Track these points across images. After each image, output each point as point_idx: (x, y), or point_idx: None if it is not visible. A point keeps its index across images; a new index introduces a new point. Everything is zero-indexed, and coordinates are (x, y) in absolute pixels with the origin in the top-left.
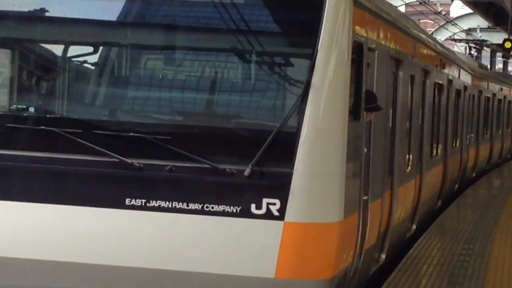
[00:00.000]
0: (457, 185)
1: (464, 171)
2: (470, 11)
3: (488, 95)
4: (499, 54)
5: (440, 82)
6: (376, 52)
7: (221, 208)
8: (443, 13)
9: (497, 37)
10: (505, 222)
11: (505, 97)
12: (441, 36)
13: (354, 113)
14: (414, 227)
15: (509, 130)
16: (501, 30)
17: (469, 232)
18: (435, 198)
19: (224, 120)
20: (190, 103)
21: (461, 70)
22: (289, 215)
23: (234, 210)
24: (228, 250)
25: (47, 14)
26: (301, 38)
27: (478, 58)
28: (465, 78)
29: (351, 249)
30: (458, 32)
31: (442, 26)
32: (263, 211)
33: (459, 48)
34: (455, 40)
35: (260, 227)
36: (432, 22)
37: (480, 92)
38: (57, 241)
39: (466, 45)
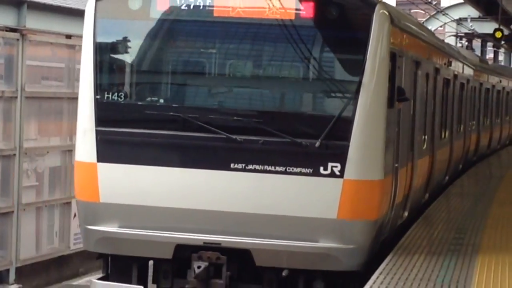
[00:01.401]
0: (461, 165)
1: (467, 154)
2: (461, 0)
3: (488, 87)
4: (490, 44)
5: (448, 77)
6: (403, 58)
7: (298, 170)
8: (434, 2)
9: (488, 27)
10: (495, 212)
11: (503, 88)
12: (432, 26)
13: (390, 103)
14: (427, 195)
15: (508, 119)
16: (492, 20)
17: (460, 222)
18: (443, 173)
19: (301, 109)
20: (278, 98)
21: (464, 66)
22: (347, 174)
23: (308, 171)
24: (303, 199)
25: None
26: (355, 49)
27: (468, 48)
28: (468, 72)
29: (387, 202)
30: (449, 22)
31: (432, 16)
32: (328, 171)
33: (449, 38)
34: (456, 36)
35: (326, 183)
36: (423, 12)
37: (481, 84)
38: (191, 193)
39: (457, 35)
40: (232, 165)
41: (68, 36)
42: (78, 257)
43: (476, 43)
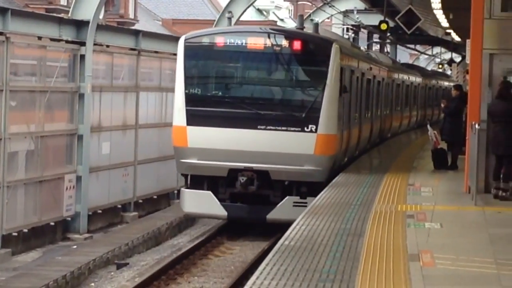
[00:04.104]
0: (378, 140)
1: (383, 131)
2: None
3: (399, 83)
4: (376, 36)
5: (369, 77)
6: (346, 69)
7: (293, 129)
8: None
9: (373, 19)
10: (379, 207)
11: (411, 83)
12: (319, 18)
13: (340, 94)
14: (357, 152)
15: (416, 107)
16: (378, 12)
17: (346, 213)
18: (366, 141)
19: (295, 97)
20: (282, 92)
21: (380, 68)
22: (319, 131)
23: (298, 129)
24: (296, 144)
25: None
26: (322, 65)
27: (355, 40)
28: (383, 72)
29: (338, 147)
30: (336, 14)
31: (319, 8)
32: (309, 130)
33: (336, 29)
34: (347, 30)
35: (308, 135)
36: (310, 4)
37: (393, 80)
38: (236, 141)
39: (344, 26)
40: (258, 127)
41: None
42: None
43: (363, 35)
